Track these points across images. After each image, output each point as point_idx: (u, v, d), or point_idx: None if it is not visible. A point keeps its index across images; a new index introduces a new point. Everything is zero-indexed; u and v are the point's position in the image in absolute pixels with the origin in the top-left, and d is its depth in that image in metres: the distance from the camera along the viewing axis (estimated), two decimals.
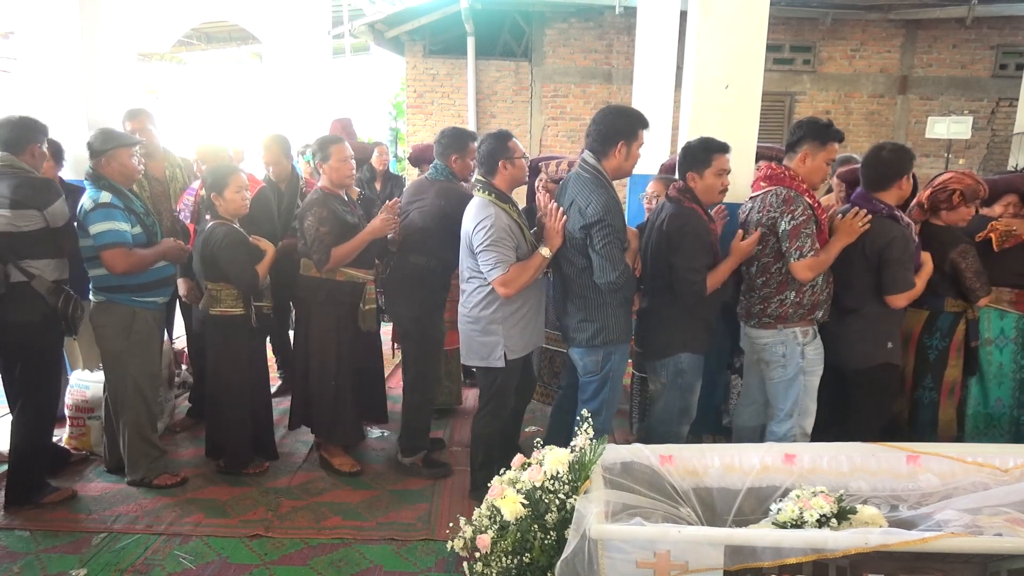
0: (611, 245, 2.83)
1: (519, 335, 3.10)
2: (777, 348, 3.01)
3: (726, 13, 3.45)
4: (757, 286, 3.05)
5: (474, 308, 3.09)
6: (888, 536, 1.94)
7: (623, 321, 3.02)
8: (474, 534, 2.31)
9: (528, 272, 2.95)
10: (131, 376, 3.32)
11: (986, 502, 2.27)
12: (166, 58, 13.89)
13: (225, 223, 3.35)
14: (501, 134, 3.09)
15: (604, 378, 3.04)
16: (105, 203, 3.12)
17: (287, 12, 9.11)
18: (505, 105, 10.05)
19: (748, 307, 3.12)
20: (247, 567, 2.84)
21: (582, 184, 2.92)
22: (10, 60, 10.97)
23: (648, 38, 6.32)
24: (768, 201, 2.96)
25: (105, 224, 3.10)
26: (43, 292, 3.09)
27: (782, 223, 2.90)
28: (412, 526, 3.15)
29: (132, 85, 4.64)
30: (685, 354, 3.07)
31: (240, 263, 3.31)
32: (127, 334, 3.28)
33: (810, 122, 2.98)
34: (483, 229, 2.93)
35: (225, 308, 3.38)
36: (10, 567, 2.81)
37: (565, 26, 9.84)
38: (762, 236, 2.97)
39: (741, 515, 2.41)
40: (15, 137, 3.09)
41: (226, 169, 3.42)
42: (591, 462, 2.24)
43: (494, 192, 3.03)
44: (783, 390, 3.05)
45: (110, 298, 3.26)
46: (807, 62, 9.83)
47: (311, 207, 3.36)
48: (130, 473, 3.45)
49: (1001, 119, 9.76)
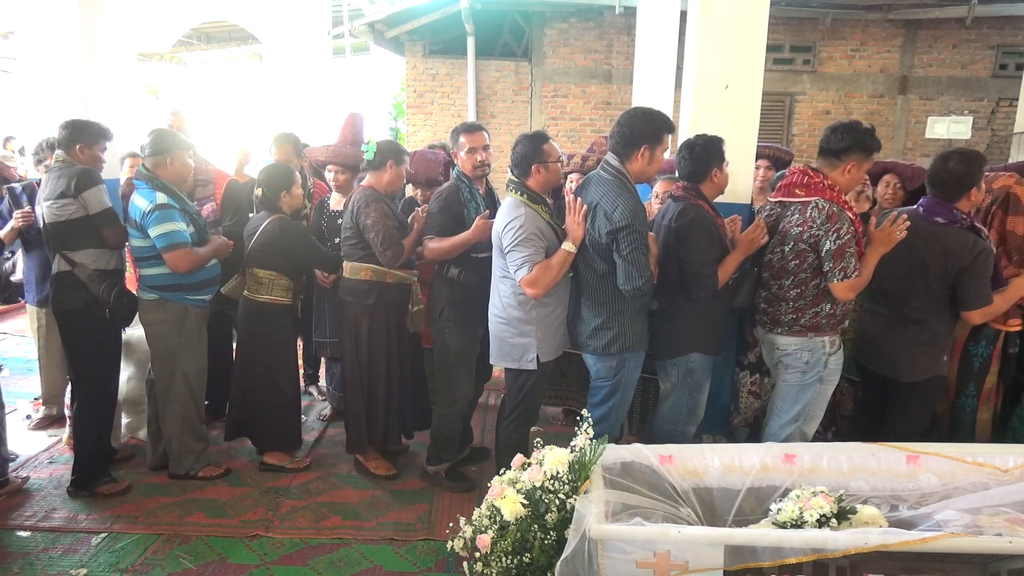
0: (638, 251, 2.78)
1: (552, 337, 3.06)
2: (802, 355, 2.94)
3: (726, 13, 3.45)
4: (790, 298, 2.92)
5: (507, 309, 3.03)
6: (888, 536, 1.94)
7: (639, 328, 2.98)
8: (474, 534, 2.31)
9: (553, 270, 2.88)
10: (181, 372, 3.42)
11: (986, 502, 2.27)
12: (166, 58, 13.89)
13: (290, 219, 3.54)
14: (537, 136, 3.03)
15: (616, 384, 3.00)
16: (163, 204, 3.20)
17: (287, 12, 9.11)
18: (505, 105, 10.04)
19: (776, 316, 2.99)
20: (247, 567, 2.84)
21: (606, 187, 2.85)
22: (10, 60, 10.98)
23: (648, 38, 6.32)
24: (810, 216, 2.80)
25: (167, 225, 3.19)
26: (84, 280, 3.19)
27: (827, 242, 2.76)
28: (412, 526, 3.15)
29: (132, 85, 4.65)
30: (696, 354, 3.05)
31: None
32: (179, 331, 3.38)
33: (857, 130, 2.78)
34: (512, 229, 2.90)
35: (275, 296, 3.49)
36: (10, 567, 2.81)
37: (565, 26, 9.84)
38: (801, 252, 2.85)
39: (741, 515, 2.41)
40: (64, 137, 3.29)
41: (288, 168, 3.64)
42: (591, 462, 2.24)
43: (526, 192, 2.99)
44: (795, 394, 3.00)
45: (163, 296, 3.34)
46: (807, 62, 9.83)
47: (366, 206, 3.32)
48: (175, 468, 3.51)
49: (1001, 119, 9.76)
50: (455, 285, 3.30)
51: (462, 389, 3.41)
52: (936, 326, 2.96)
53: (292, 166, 3.86)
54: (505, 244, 2.93)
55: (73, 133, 3.28)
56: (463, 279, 3.29)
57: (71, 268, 3.21)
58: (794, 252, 2.86)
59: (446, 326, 3.32)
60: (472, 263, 3.27)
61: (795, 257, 2.86)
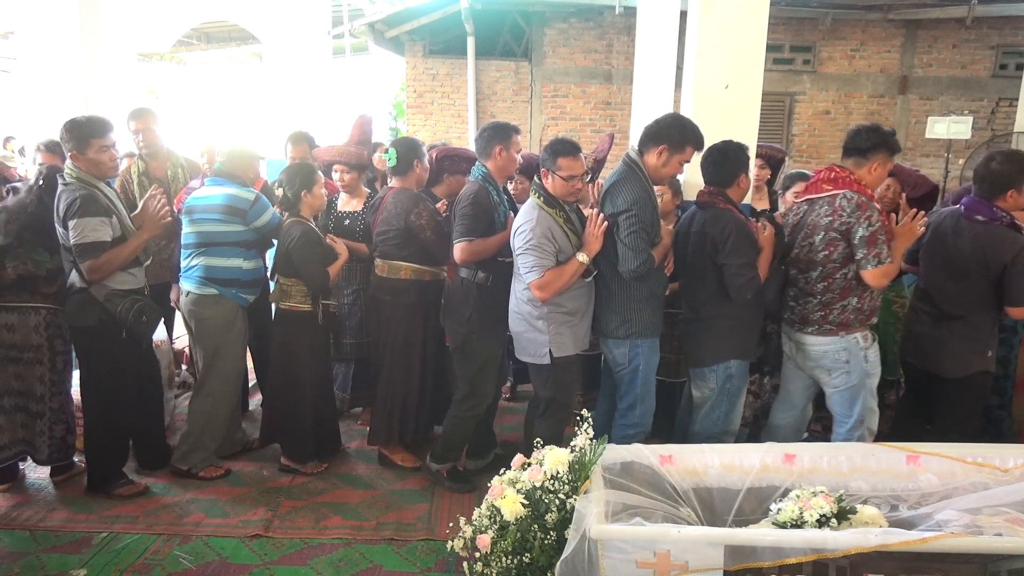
0: (636, 235, 2.87)
1: (565, 333, 3.07)
2: (840, 355, 2.95)
3: (726, 13, 3.45)
4: (817, 291, 2.95)
5: (520, 304, 3.11)
6: (888, 536, 1.94)
7: (648, 315, 3.05)
8: (474, 534, 2.31)
9: (564, 277, 2.92)
10: (224, 369, 3.45)
11: (986, 502, 2.27)
12: (166, 58, 13.89)
13: (303, 221, 3.45)
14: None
15: (634, 371, 3.07)
16: (260, 196, 3.41)
17: (287, 12, 9.09)
18: (505, 105, 10.05)
19: (804, 314, 3.02)
20: (247, 567, 2.84)
21: (618, 174, 3.01)
22: (10, 60, 10.98)
23: (648, 38, 6.31)
24: (839, 205, 2.86)
25: (270, 213, 3.42)
26: (100, 299, 3.12)
27: (859, 229, 2.81)
28: (412, 526, 3.15)
29: (132, 85, 4.65)
30: (735, 360, 3.08)
31: (314, 263, 3.38)
32: (229, 329, 3.42)
33: (881, 131, 2.90)
34: (522, 232, 2.96)
35: (294, 303, 3.46)
36: (10, 567, 2.81)
37: (565, 26, 9.84)
38: (832, 241, 2.88)
39: (741, 515, 2.41)
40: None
41: (311, 167, 3.58)
42: (591, 462, 2.24)
43: (543, 195, 3.01)
44: (850, 397, 3.00)
45: (222, 292, 3.37)
46: (807, 62, 9.83)
47: (414, 206, 3.35)
48: (180, 461, 3.50)
49: (1001, 119, 9.76)
50: (483, 290, 3.26)
51: (485, 393, 3.40)
52: (978, 321, 3.02)
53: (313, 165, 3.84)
54: (516, 247, 3.00)
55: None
56: (491, 283, 3.27)
57: (87, 286, 3.11)
58: (824, 242, 2.90)
59: (474, 331, 3.27)
60: (499, 267, 3.26)
61: (825, 247, 2.90)
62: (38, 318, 3.21)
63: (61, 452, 3.36)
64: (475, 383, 3.35)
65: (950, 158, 8.80)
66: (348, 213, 3.88)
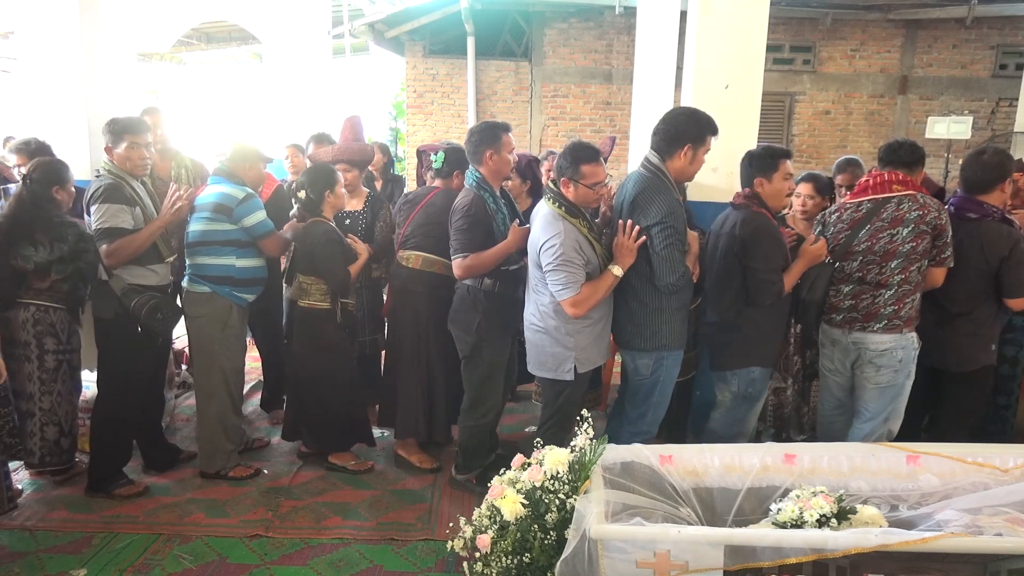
0: (672, 247, 2.79)
1: (592, 347, 3.00)
2: (897, 353, 2.94)
3: (726, 13, 3.45)
4: (894, 283, 2.92)
5: (545, 318, 2.97)
6: (888, 536, 1.94)
7: (677, 327, 2.97)
8: (474, 534, 2.31)
9: (599, 292, 2.84)
10: (220, 368, 3.44)
11: (986, 502, 2.27)
12: (166, 58, 13.88)
13: (324, 221, 3.47)
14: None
15: (654, 383, 3.00)
16: (252, 195, 3.40)
17: (287, 12, 9.09)
18: (505, 105, 10.04)
19: (872, 309, 2.96)
20: (247, 567, 2.84)
21: (644, 184, 2.86)
22: (10, 60, 10.98)
23: (648, 38, 6.31)
24: (924, 203, 2.89)
25: (260, 214, 3.38)
26: (117, 292, 3.18)
27: (949, 230, 2.89)
28: (412, 526, 3.15)
29: (132, 85, 4.65)
30: (757, 368, 3.06)
31: (336, 262, 3.42)
32: (222, 327, 3.41)
33: (920, 149, 3.04)
34: (551, 248, 2.81)
35: (313, 301, 3.48)
36: (10, 567, 2.81)
37: (565, 26, 9.83)
38: (921, 234, 2.87)
39: (741, 515, 2.41)
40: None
41: (331, 168, 3.59)
42: (591, 462, 2.24)
43: (564, 204, 2.88)
44: (889, 395, 3.00)
45: (215, 290, 3.37)
46: (807, 62, 9.82)
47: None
48: (205, 465, 3.52)
49: (1001, 119, 9.75)
50: (490, 297, 3.21)
51: (494, 399, 3.38)
52: (981, 316, 3.05)
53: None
54: (545, 263, 2.85)
55: (104, 133, 3.24)
56: (497, 290, 3.22)
57: (108, 278, 3.20)
58: (914, 234, 2.88)
59: (483, 339, 3.23)
60: (504, 275, 3.21)
61: (913, 239, 2.88)
62: (26, 314, 3.21)
63: (54, 456, 3.34)
64: (482, 391, 3.33)
65: (950, 158, 8.79)
66: (348, 212, 3.88)
